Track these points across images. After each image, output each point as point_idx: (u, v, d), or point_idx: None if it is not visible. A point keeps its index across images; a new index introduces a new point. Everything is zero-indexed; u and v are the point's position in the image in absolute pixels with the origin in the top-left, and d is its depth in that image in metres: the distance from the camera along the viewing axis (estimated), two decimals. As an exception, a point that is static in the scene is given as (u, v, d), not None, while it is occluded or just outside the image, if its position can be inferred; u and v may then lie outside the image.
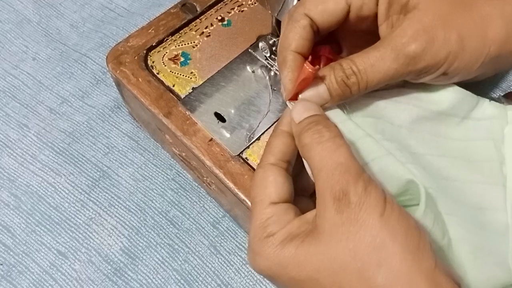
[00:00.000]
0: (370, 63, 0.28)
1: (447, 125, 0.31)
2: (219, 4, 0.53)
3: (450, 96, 0.30)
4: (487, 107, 0.31)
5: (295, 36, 0.30)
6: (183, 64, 0.49)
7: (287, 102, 0.30)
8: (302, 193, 0.31)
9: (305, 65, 0.27)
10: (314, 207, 0.26)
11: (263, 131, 0.45)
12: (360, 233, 0.23)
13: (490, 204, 0.29)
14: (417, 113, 0.30)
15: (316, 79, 0.29)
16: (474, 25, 0.28)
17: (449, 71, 0.28)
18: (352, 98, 0.30)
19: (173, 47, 0.50)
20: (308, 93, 0.29)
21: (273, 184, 0.27)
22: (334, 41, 0.34)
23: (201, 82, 0.48)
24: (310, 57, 0.31)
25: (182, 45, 0.50)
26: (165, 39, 0.50)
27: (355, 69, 0.28)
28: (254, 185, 0.28)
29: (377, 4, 0.30)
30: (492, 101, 0.32)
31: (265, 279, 0.48)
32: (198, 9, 0.52)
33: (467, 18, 0.28)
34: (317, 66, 0.31)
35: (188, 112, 0.46)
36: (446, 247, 0.28)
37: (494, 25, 0.28)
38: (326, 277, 0.23)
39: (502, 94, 0.46)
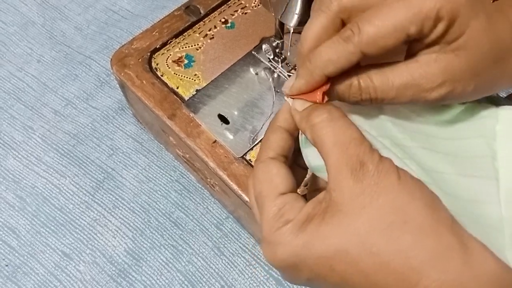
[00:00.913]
0: (390, 85, 0.26)
1: (436, 125, 0.31)
2: (222, 7, 0.53)
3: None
4: (478, 108, 0.31)
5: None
6: (187, 66, 0.49)
7: (286, 98, 0.30)
8: None
9: (318, 92, 0.27)
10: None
11: (266, 133, 0.45)
12: (382, 197, 0.23)
13: (483, 197, 0.30)
14: (405, 114, 0.31)
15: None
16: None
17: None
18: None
19: (177, 50, 0.50)
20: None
21: (278, 176, 0.27)
22: None
23: (204, 84, 0.48)
24: (328, 85, 0.30)
25: (186, 47, 0.50)
26: (169, 42, 0.50)
27: (372, 93, 0.27)
28: (258, 180, 0.27)
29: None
30: (482, 103, 0.32)
31: (268, 280, 0.48)
32: (202, 11, 0.52)
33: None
34: (326, 98, 0.30)
35: (192, 114, 0.46)
36: None
37: None
38: (355, 245, 0.23)
39: (505, 96, 0.47)
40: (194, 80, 0.48)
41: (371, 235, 0.23)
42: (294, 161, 0.30)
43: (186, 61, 0.49)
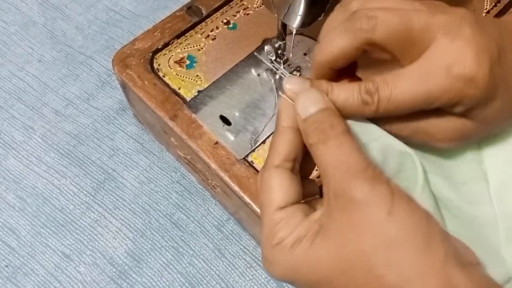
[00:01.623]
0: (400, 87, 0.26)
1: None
2: (224, 7, 0.53)
3: None
4: None
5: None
6: (189, 67, 0.49)
7: (282, 94, 0.29)
8: (315, 194, 0.30)
9: None
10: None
11: (268, 134, 0.45)
12: (368, 233, 0.22)
13: (475, 199, 0.30)
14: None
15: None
16: None
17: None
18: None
19: (179, 50, 0.50)
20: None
21: (278, 189, 0.26)
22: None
23: (206, 85, 0.48)
24: None
25: (187, 48, 0.50)
26: (170, 42, 0.50)
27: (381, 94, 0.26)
28: (261, 190, 0.27)
29: None
30: None
31: (269, 283, 0.48)
32: (204, 12, 0.52)
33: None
34: None
35: (193, 115, 0.46)
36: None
37: None
38: (338, 277, 0.23)
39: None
40: (196, 81, 0.48)
41: (353, 271, 0.23)
42: (306, 174, 0.29)
43: (188, 62, 0.49)
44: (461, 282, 0.22)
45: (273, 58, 0.48)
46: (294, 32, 0.44)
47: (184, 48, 0.50)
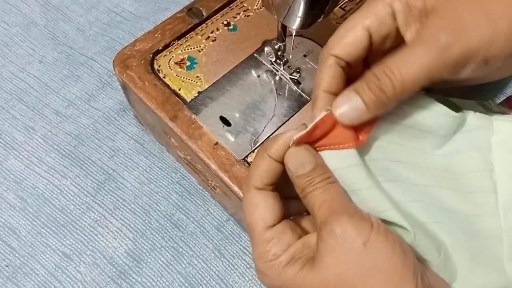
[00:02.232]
0: (403, 61, 0.27)
1: (431, 141, 0.31)
2: (225, 9, 0.53)
3: (437, 120, 0.30)
4: (471, 120, 0.31)
5: (323, 76, 0.31)
6: (189, 68, 0.49)
7: (290, 144, 0.30)
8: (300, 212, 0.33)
9: (324, 113, 0.28)
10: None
11: (268, 135, 0.45)
12: (346, 262, 0.25)
13: (482, 210, 0.30)
14: (399, 130, 0.31)
15: (348, 91, 0.29)
16: (505, 7, 0.27)
17: (488, 58, 0.27)
18: (391, 106, 0.29)
19: (179, 51, 0.50)
20: (343, 108, 0.28)
21: (265, 209, 0.29)
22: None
23: (206, 86, 0.48)
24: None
25: (188, 49, 0.50)
26: (171, 43, 0.50)
27: (387, 70, 0.27)
28: (247, 212, 0.30)
29: (394, 19, 0.30)
30: (477, 113, 0.32)
31: (269, 283, 0.48)
32: (204, 13, 0.52)
33: (494, 2, 0.27)
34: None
35: (193, 116, 0.46)
36: (443, 261, 0.28)
37: None
38: None
39: (504, 99, 0.47)
40: (196, 82, 0.48)
41: None
42: (288, 193, 0.32)
43: (188, 63, 0.49)
44: None
45: (273, 59, 0.48)
46: (294, 34, 0.44)
47: (185, 50, 0.50)
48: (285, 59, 0.48)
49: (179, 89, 0.48)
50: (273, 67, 0.49)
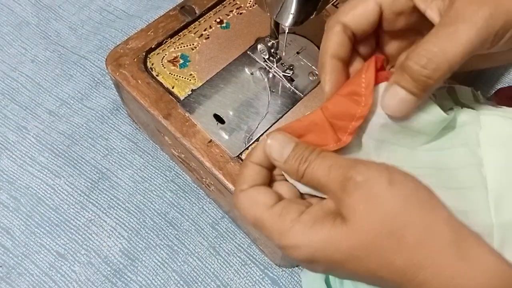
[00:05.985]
0: (446, 40, 0.26)
1: (419, 139, 0.31)
2: (217, 7, 0.53)
3: (426, 120, 0.30)
4: (459, 115, 0.31)
5: (330, 42, 0.31)
6: (182, 66, 0.49)
7: (265, 143, 0.30)
8: None
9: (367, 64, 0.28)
10: None
11: (262, 132, 0.45)
12: (378, 205, 0.25)
13: (471, 207, 0.30)
14: (387, 127, 0.31)
15: (392, 86, 0.28)
16: None
17: None
18: (438, 86, 0.28)
19: (172, 49, 0.50)
20: (390, 103, 0.28)
21: (263, 195, 0.28)
22: (378, 51, 0.34)
23: (200, 84, 0.48)
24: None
25: (181, 47, 0.50)
26: (164, 41, 0.50)
27: (430, 56, 0.27)
28: (243, 209, 0.29)
29: None
30: (465, 108, 0.32)
31: (264, 280, 0.48)
32: (197, 11, 0.52)
33: None
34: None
35: (187, 114, 0.46)
36: None
37: None
38: (363, 250, 0.25)
39: (493, 92, 0.47)
40: (190, 80, 0.48)
41: (376, 241, 0.25)
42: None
43: (181, 61, 0.49)
44: (466, 236, 0.24)
45: (266, 56, 0.48)
46: (286, 31, 0.44)
47: (178, 47, 0.50)
48: (278, 57, 0.48)
49: (173, 87, 0.48)
50: (266, 65, 0.49)
